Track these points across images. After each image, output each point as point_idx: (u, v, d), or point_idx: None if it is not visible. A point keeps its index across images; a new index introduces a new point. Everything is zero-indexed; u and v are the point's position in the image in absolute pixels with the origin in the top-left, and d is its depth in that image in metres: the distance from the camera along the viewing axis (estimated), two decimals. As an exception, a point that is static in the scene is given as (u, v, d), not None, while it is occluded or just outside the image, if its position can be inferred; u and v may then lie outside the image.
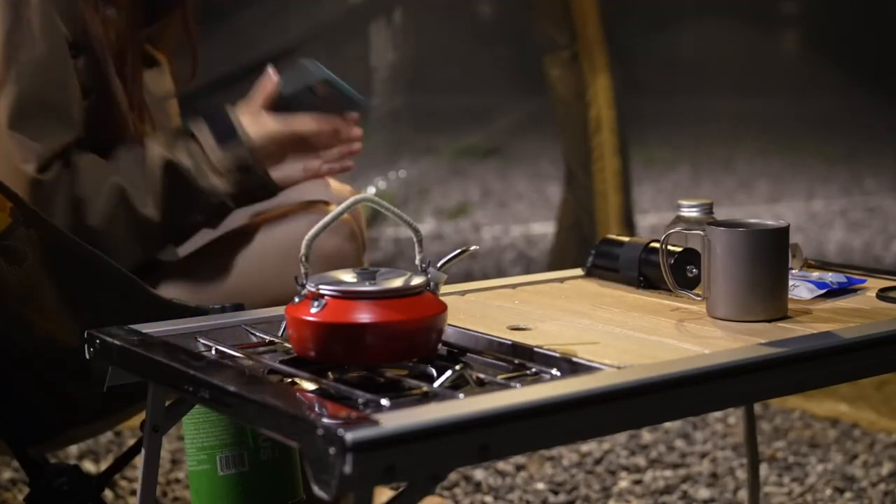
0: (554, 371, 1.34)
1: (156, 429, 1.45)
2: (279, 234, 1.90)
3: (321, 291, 1.33)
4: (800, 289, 1.67)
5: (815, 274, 1.77)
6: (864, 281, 1.76)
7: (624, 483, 2.57)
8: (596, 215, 3.68)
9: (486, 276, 4.40)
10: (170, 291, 1.81)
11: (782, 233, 1.56)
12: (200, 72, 2.07)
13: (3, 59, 1.74)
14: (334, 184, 2.06)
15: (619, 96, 3.66)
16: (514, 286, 1.80)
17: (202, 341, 1.48)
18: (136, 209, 1.78)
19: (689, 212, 1.73)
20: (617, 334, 1.50)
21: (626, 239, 1.80)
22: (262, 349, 1.47)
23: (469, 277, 3.93)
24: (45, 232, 1.67)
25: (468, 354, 1.44)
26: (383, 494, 2.10)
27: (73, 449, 2.68)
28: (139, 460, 1.49)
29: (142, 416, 1.47)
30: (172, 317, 1.60)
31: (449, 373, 1.30)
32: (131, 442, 2.23)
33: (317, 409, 1.19)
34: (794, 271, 1.75)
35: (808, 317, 1.57)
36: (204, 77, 2.07)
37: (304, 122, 1.87)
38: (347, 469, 1.09)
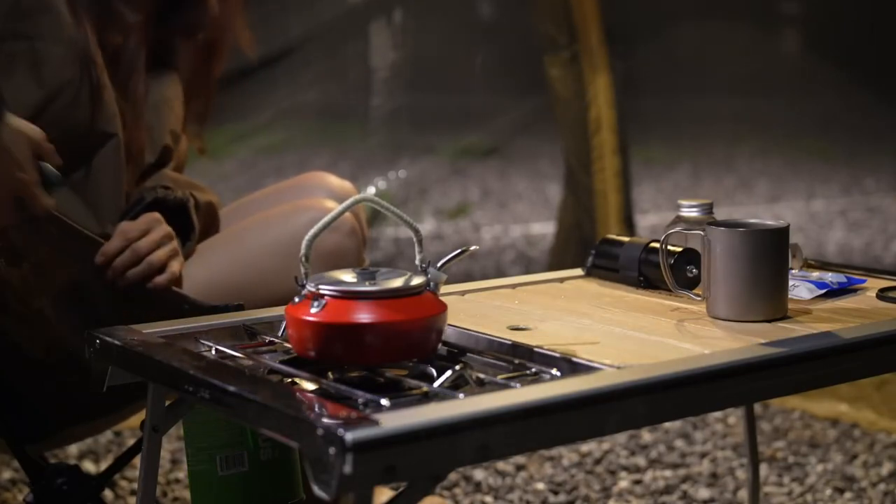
0: (554, 371, 1.34)
1: (156, 429, 1.45)
2: (279, 234, 1.90)
3: (321, 291, 1.33)
4: (800, 289, 1.67)
5: (815, 274, 1.77)
6: (864, 281, 1.76)
7: (624, 483, 2.57)
8: (596, 215, 3.68)
9: (486, 276, 4.40)
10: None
11: (782, 233, 1.56)
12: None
13: None
14: (335, 182, 2.06)
15: (619, 96, 3.66)
16: (514, 286, 1.79)
17: (202, 341, 1.48)
18: None
19: (689, 212, 1.73)
20: (617, 334, 1.50)
21: (626, 239, 1.80)
22: (262, 349, 1.47)
23: (469, 277, 3.93)
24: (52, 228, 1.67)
25: (468, 354, 1.44)
26: (383, 494, 2.10)
27: (73, 449, 2.68)
28: (139, 460, 1.49)
29: (142, 416, 1.47)
30: (172, 314, 1.60)
31: (449, 373, 1.30)
32: (131, 442, 2.22)
33: (317, 409, 1.19)
34: (794, 271, 1.75)
35: (808, 317, 1.57)
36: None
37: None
38: (347, 469, 1.09)
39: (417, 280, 1.36)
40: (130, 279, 1.73)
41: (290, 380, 1.34)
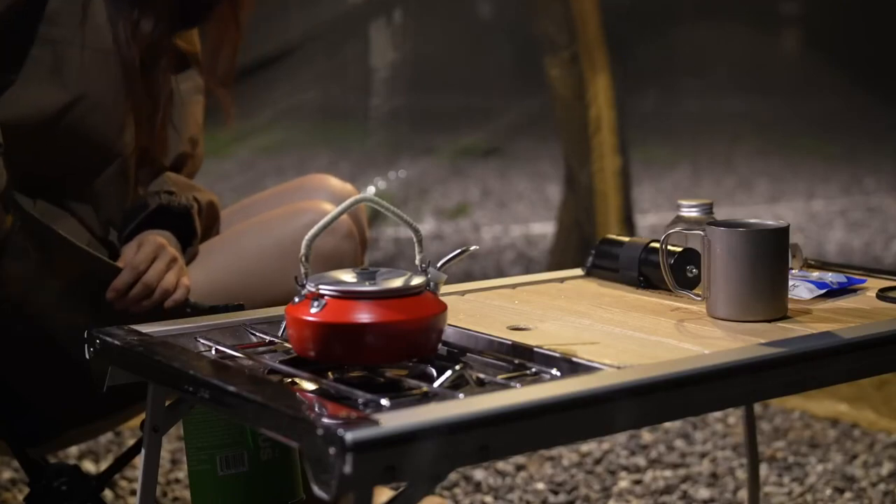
0: (554, 371, 1.34)
1: (156, 429, 1.45)
2: (279, 234, 1.90)
3: (321, 291, 1.33)
4: (800, 289, 1.67)
5: (815, 274, 1.77)
6: (863, 281, 1.76)
7: (624, 483, 2.57)
8: (596, 215, 3.68)
9: (486, 276, 4.40)
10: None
11: (782, 233, 1.56)
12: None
13: None
14: (336, 184, 2.06)
15: (619, 96, 3.66)
16: (514, 286, 1.79)
17: (202, 341, 1.48)
18: None
19: (689, 212, 1.73)
20: (617, 334, 1.50)
21: (626, 239, 1.80)
22: (262, 349, 1.47)
23: (469, 277, 3.93)
24: (41, 234, 1.67)
25: (468, 354, 1.44)
26: (383, 494, 2.10)
27: (73, 449, 2.68)
28: (139, 460, 1.49)
29: (142, 416, 1.47)
30: (172, 315, 1.60)
31: (449, 373, 1.30)
32: (131, 442, 2.23)
33: (317, 409, 1.19)
34: (794, 271, 1.75)
35: (808, 317, 1.57)
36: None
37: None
38: (347, 469, 1.09)
39: (417, 280, 1.36)
40: (147, 307, 1.75)
41: (290, 380, 1.34)
